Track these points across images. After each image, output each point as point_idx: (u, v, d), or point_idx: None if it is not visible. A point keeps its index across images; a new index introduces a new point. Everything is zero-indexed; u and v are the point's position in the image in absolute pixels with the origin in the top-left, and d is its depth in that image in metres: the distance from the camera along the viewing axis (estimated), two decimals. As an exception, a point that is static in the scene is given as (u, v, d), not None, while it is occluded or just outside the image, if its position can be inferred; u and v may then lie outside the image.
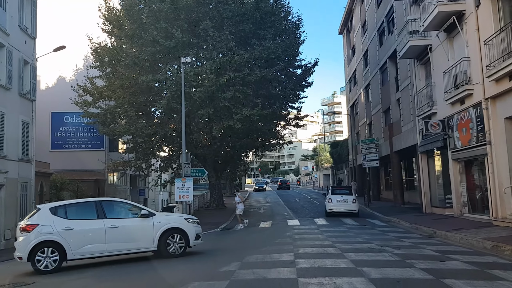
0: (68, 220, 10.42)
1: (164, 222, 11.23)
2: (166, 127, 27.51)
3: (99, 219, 10.64)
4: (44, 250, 9.98)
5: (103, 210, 10.82)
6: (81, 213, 10.88)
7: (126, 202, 12.18)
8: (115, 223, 10.67)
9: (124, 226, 10.79)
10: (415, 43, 20.52)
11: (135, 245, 10.89)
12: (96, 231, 10.48)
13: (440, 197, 21.49)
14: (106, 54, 26.95)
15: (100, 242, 10.42)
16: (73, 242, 10.18)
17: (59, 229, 10.16)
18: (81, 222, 10.61)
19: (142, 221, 11.00)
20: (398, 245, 11.35)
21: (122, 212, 11.25)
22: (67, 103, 28.90)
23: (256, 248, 11.81)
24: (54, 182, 27.65)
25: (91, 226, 10.58)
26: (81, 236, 10.35)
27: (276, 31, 28.63)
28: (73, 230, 10.27)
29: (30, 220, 10.32)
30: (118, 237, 10.59)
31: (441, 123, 18.92)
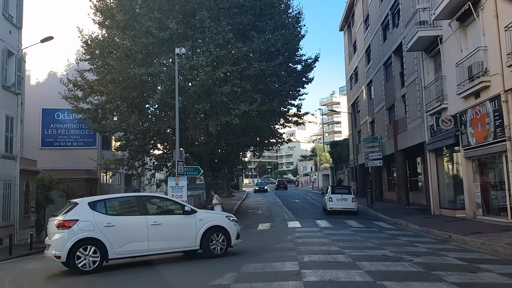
0: (109, 216, 9.59)
1: (206, 219, 10.53)
2: (160, 123, 26.16)
3: (141, 215, 9.83)
4: (84, 248, 9.04)
5: (144, 206, 10.10)
6: (121, 209, 10.26)
7: (167, 198, 11.55)
8: (157, 220, 9.92)
9: (167, 223, 10.04)
10: (424, 33, 19.26)
11: (178, 243, 10.15)
12: (138, 228, 9.63)
13: (450, 198, 20.25)
14: (97, 47, 25.59)
15: (142, 240, 9.59)
16: (115, 240, 9.27)
17: (100, 225, 9.26)
18: (122, 218, 9.84)
19: (185, 218, 10.28)
20: (415, 252, 10.08)
21: (163, 209, 10.67)
22: (59, 99, 27.51)
23: (255, 254, 10.51)
24: (42, 180, 26.24)
25: (133, 222, 9.73)
26: (123, 233, 9.45)
27: (276, 24, 27.28)
28: (114, 227, 9.37)
29: (68, 216, 9.25)
30: (160, 235, 9.81)
31: (453, 119, 17.66)
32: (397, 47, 26.38)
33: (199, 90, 24.26)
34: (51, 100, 31.98)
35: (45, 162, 33.48)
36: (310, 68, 30.34)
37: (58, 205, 31.05)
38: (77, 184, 31.16)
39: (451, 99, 18.28)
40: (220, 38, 24.21)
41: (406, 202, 26.63)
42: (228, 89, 24.36)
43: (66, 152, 35.58)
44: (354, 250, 10.24)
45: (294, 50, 29.27)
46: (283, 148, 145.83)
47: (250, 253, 10.76)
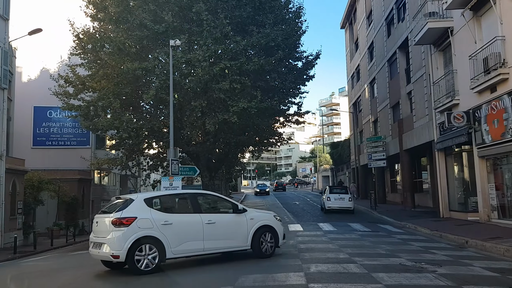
0: (166, 214, 9.13)
1: (257, 219, 10.12)
2: (154, 120, 24.98)
3: (195, 214, 9.40)
4: (142, 247, 8.45)
5: (198, 204, 9.72)
6: (176, 206, 9.93)
7: (218, 196, 11.04)
8: (211, 218, 9.46)
9: (221, 222, 9.62)
10: (434, 25, 18.13)
11: (231, 243, 9.68)
12: (194, 227, 9.17)
13: (460, 200, 19.13)
14: (89, 41, 24.43)
15: (198, 239, 9.14)
16: (172, 238, 8.77)
17: (158, 223, 8.72)
18: (179, 216, 9.37)
19: (237, 217, 9.86)
20: (435, 260, 8.95)
21: (215, 207, 10.30)
22: (51, 97, 26.27)
23: (254, 262, 9.36)
24: (31, 181, 25.04)
25: (189, 221, 9.25)
26: (180, 232, 8.96)
27: (276, 19, 26.13)
28: (171, 225, 8.87)
29: (126, 212, 8.61)
30: (215, 234, 9.37)
31: (466, 115, 16.52)
32: (403, 42, 25.29)
33: (196, 86, 23.10)
34: (44, 97, 30.76)
35: (37, 161, 32.35)
36: (311, 65, 29.20)
37: (49, 207, 29.94)
38: (68, 185, 30.05)
39: (463, 95, 17.17)
40: (218, 32, 23.06)
41: (412, 204, 25.50)
42: (227, 86, 23.24)
43: (58, 152, 34.43)
44: (366, 258, 9.09)
45: (294, 46, 28.14)
46: (282, 149, 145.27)
47: (249, 261, 9.60)
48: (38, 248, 21.37)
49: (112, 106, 23.62)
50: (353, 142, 41.85)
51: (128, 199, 9.20)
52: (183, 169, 20.87)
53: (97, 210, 37.38)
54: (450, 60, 18.72)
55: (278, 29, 25.25)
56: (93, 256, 9.10)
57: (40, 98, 32.78)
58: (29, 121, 34.43)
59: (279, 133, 33.32)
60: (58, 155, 33.99)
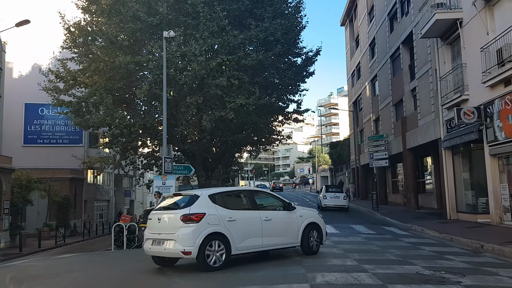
0: (229, 210, 9.02)
1: (305, 216, 10.25)
2: (148, 117, 23.96)
3: (254, 210, 9.46)
4: (212, 243, 8.37)
5: (254, 201, 9.74)
6: (236, 203, 9.72)
7: (270, 193, 11.23)
8: (268, 215, 9.50)
9: (276, 219, 9.64)
10: (442, 16, 17.19)
11: (284, 240, 9.72)
12: (254, 224, 9.19)
13: (468, 201, 18.19)
14: (80, 34, 23.42)
15: (257, 236, 9.14)
16: (236, 235, 8.73)
17: (223, 219, 8.70)
18: (240, 212, 9.26)
19: (288, 214, 9.94)
20: (454, 268, 8.00)
21: (269, 204, 10.25)
22: (43, 94, 25.22)
23: (252, 269, 8.40)
24: (19, 180, 24.01)
25: (249, 217, 9.25)
26: (243, 228, 8.94)
27: (276, 12, 25.14)
28: (235, 222, 8.84)
29: (194, 208, 8.55)
30: (271, 231, 9.40)
31: (476, 111, 15.59)
32: (406, 37, 24.36)
33: (191, 82, 22.11)
34: (35, 94, 29.67)
35: (28, 160, 31.32)
36: (311, 62, 28.24)
37: (39, 207, 28.87)
38: (60, 184, 29.02)
39: (473, 89, 16.24)
40: (215, 25, 22.08)
41: (415, 205, 24.56)
42: (224, 81, 22.28)
43: (50, 150, 33.44)
44: (377, 266, 8.13)
45: (294, 41, 27.17)
46: (279, 150, 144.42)
47: (246, 268, 8.63)
48: (25, 250, 20.41)
49: (104, 102, 22.61)
50: (353, 142, 40.93)
51: (193, 195, 9.17)
52: (177, 168, 19.96)
53: (90, 210, 36.45)
54: (459, 53, 17.79)
55: (277, 23, 24.30)
56: (151, 253, 8.90)
57: (31, 94, 31.77)
58: (20, 118, 33.43)
59: (277, 131, 32.38)
60: (50, 153, 33.00)
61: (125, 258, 12.54)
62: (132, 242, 18.33)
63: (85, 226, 30.91)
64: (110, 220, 37.24)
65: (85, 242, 26.37)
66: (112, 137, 24.33)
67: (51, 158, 32.39)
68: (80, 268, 10.47)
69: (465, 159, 18.43)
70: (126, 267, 10.29)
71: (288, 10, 27.04)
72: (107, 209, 40.55)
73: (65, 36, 24.30)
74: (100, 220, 37.86)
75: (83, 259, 13.18)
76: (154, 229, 8.88)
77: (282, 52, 25.17)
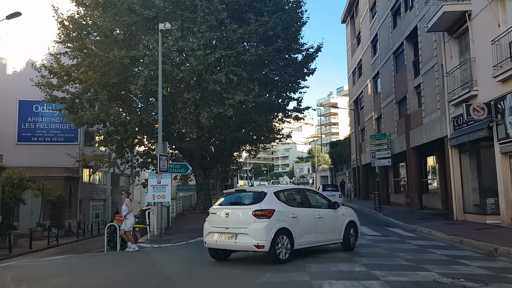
0: (291, 207, 9.54)
1: (346, 214, 10.88)
2: (144, 114, 23.23)
3: (309, 208, 10.02)
4: (280, 238, 8.81)
5: (308, 199, 10.32)
6: (295, 201, 10.18)
7: (318, 192, 11.76)
8: (319, 213, 10.07)
9: (326, 216, 10.19)
10: (450, 8, 16.46)
11: (331, 236, 10.27)
12: (310, 220, 9.72)
13: (476, 202, 17.46)
14: (74, 28, 22.69)
15: (312, 232, 9.69)
16: (297, 230, 9.21)
17: (288, 216, 9.17)
18: (299, 209, 9.72)
19: (334, 212, 10.52)
20: (473, 275, 7.29)
21: (318, 202, 10.69)
22: (38, 91, 24.46)
23: (251, 276, 7.67)
24: (10, 178, 23.24)
25: (307, 214, 9.75)
26: (302, 224, 9.43)
27: (276, 7, 24.43)
28: (296, 218, 9.33)
29: (264, 205, 8.95)
30: (322, 228, 9.97)
31: (486, 107, 14.88)
32: (411, 32, 23.64)
33: (189, 77, 21.42)
34: (30, 91, 28.77)
35: (22, 158, 30.56)
36: (311, 58, 27.54)
37: (33, 206, 28.08)
38: (54, 183, 28.19)
39: (482, 84, 15.53)
40: (213, 19, 21.39)
41: (419, 205, 23.86)
42: (222, 77, 21.57)
43: (45, 148, 32.63)
44: (389, 272, 7.40)
45: (294, 37, 26.47)
46: (279, 149, 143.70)
47: (245, 273, 7.91)
48: (15, 251, 19.66)
49: (99, 98, 21.92)
50: (354, 141, 40.22)
51: (260, 191, 9.48)
52: (174, 166, 19.18)
53: (85, 209, 35.67)
54: (467, 47, 17.08)
55: (277, 18, 23.62)
56: (217, 245, 9.23)
57: (26, 91, 30.90)
58: (13, 115, 32.61)
59: (277, 129, 31.69)
60: (45, 152, 32.20)
61: (116, 261, 11.83)
62: (126, 243, 17.62)
63: (80, 226, 30.14)
64: (106, 220, 36.46)
65: (79, 242, 25.62)
66: (107, 135, 23.61)
67: (46, 156, 31.59)
68: (67, 272, 9.75)
69: (473, 157, 17.70)
70: (116, 271, 9.57)
71: (289, 5, 26.34)
72: (103, 208, 39.78)
73: (58, 30, 23.57)
74: (96, 220, 37.11)
75: (72, 262, 12.44)
76: (220, 223, 9.15)
77: (282, 48, 24.49)
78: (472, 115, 15.01)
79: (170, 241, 15.45)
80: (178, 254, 12.45)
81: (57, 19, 23.15)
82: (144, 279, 8.14)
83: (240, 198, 9.84)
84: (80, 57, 23.52)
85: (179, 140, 25.77)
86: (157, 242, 15.38)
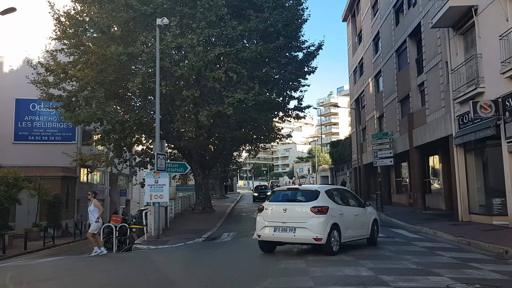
0: (338, 205, 10.51)
1: (371, 213, 11.96)
2: (142, 112, 22.78)
3: (349, 206, 11.12)
4: (333, 232, 9.79)
5: (347, 198, 11.41)
6: (339, 199, 11.02)
7: (350, 192, 12.60)
8: (355, 211, 11.15)
9: (360, 214, 11.27)
10: (456, 3, 16.00)
11: (362, 232, 11.30)
12: (350, 217, 10.75)
13: (482, 202, 17.01)
14: (71, 24, 22.24)
15: (352, 228, 10.68)
16: (343, 226, 10.19)
17: (337, 212, 10.16)
18: (343, 207, 10.75)
19: (364, 210, 11.63)
20: (488, 280, 6.86)
21: (352, 201, 11.59)
22: (35, 89, 24.00)
23: (251, 281, 7.20)
24: (5, 177, 22.78)
25: (348, 212, 10.81)
26: (346, 221, 10.44)
27: (276, 3, 23.97)
28: (342, 215, 10.34)
29: (321, 202, 9.96)
30: (357, 224, 11.03)
31: (494, 104, 14.43)
32: (414, 29, 23.18)
33: (188, 74, 20.97)
34: (27, 89, 28.36)
35: (19, 157, 30.14)
36: (312, 56, 27.10)
37: (30, 206, 27.61)
38: (50, 183, 27.72)
39: (489, 81, 15.08)
40: (213, 15, 20.97)
41: (422, 206, 23.39)
42: (222, 74, 21.14)
43: (42, 147, 32.15)
44: (398, 277, 6.95)
45: (295, 34, 26.04)
46: (278, 150, 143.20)
47: (246, 278, 7.44)
48: (10, 251, 19.21)
49: (95, 95, 21.45)
50: (355, 140, 39.76)
51: (314, 190, 10.55)
52: (172, 165, 18.80)
53: (83, 210, 35.14)
54: (472, 44, 16.63)
55: (278, 14, 23.19)
56: (273, 238, 10.01)
57: (23, 90, 30.43)
58: (10, 114, 32.13)
59: (277, 128, 31.27)
60: (42, 151, 31.73)
61: (111, 263, 11.37)
62: (123, 244, 17.17)
63: (77, 227, 29.67)
64: (104, 220, 35.86)
65: (76, 243, 25.16)
66: (104, 133, 23.18)
67: (43, 155, 31.13)
68: (58, 275, 9.28)
69: (479, 156, 17.25)
70: (108, 274, 9.12)
71: (289, 2, 25.88)
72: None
73: (54, 27, 23.13)
74: (94, 220, 36.58)
75: (65, 264, 11.97)
76: (277, 218, 9.96)
77: (282, 46, 24.08)
78: (479, 112, 14.55)
79: (168, 242, 15.02)
80: (175, 256, 12.01)
81: (53, 15, 22.73)
82: (138, 282, 7.68)
83: (294, 195, 10.82)
84: (77, 54, 23.09)
85: (178, 139, 25.34)
86: (154, 243, 14.94)
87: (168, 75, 21.16)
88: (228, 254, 11.38)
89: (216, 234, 17.66)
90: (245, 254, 11.04)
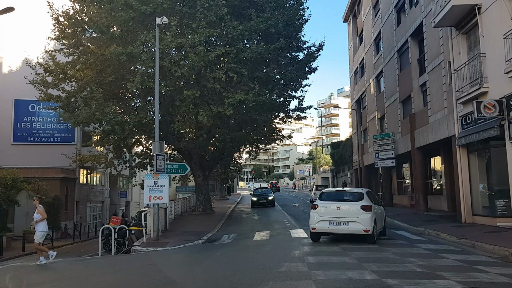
0: (374, 204, 12.79)
1: (382, 211, 14.39)
2: (142, 113, 22.58)
3: (376, 205, 13.16)
4: (374, 225, 12.06)
5: (374, 198, 13.79)
6: (373, 199, 13.23)
7: (372, 193, 14.57)
8: (379, 209, 13.78)
9: (379, 211, 13.50)
10: (459, 1, 15.81)
11: (381, 225, 13.53)
12: (379, 214, 13.26)
13: (485, 203, 16.79)
14: (70, 24, 22.06)
15: (379, 222, 12.95)
16: (377, 221, 12.43)
17: (375, 210, 12.49)
18: (375, 206, 13.01)
19: (380, 208, 13.96)
20: (496, 284, 6.68)
21: (374, 201, 13.42)
22: (34, 90, 23.81)
23: (252, 284, 6.98)
24: (4, 179, 22.58)
25: (378, 209, 13.19)
26: (378, 216, 12.73)
27: (277, 3, 23.80)
28: (376, 212, 12.60)
29: (366, 201, 12.35)
30: (381, 219, 13.56)
31: (498, 104, 14.22)
32: (416, 29, 22.99)
33: (188, 74, 20.79)
34: (26, 90, 28.22)
35: (18, 158, 30.00)
36: (313, 57, 26.94)
37: (28, 208, 27.39)
38: (49, 184, 27.51)
39: (493, 81, 14.88)
40: (213, 15, 20.80)
41: (424, 207, 23.17)
42: (222, 74, 20.96)
43: (41, 148, 32.02)
44: (403, 281, 6.73)
45: (296, 35, 25.88)
46: (279, 151, 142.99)
47: (247, 281, 7.22)
48: (8, 253, 19.04)
49: (94, 96, 21.26)
50: (356, 141, 39.52)
51: (359, 192, 13.04)
52: (172, 166, 18.58)
53: (82, 211, 34.97)
54: (476, 43, 16.42)
55: (279, 14, 23.01)
56: (328, 230, 12.27)
57: (22, 90, 30.29)
58: (9, 115, 31.99)
59: (278, 129, 31.08)
60: (41, 152, 31.60)
61: (108, 266, 11.17)
62: (122, 246, 16.98)
63: (77, 228, 29.46)
64: (104, 221, 35.78)
65: (75, 245, 24.97)
66: (103, 134, 22.99)
67: (42, 156, 30.99)
68: (52, 279, 9.09)
69: (482, 157, 17.03)
70: (104, 278, 8.91)
71: (290, 3, 25.70)
72: (101, 210, 39.10)
73: (53, 27, 22.95)
74: (94, 222, 36.43)
75: (61, 267, 11.77)
76: (332, 214, 12.20)
77: (283, 46, 23.87)
78: (483, 112, 14.34)
79: (167, 244, 14.81)
80: (174, 258, 11.81)
81: (52, 15, 22.55)
82: (136, 285, 7.47)
83: (343, 196, 12.98)
84: (76, 54, 22.93)
85: (177, 140, 25.16)
86: (153, 245, 14.72)
87: (168, 75, 20.99)
88: (228, 257, 11.17)
89: (216, 236, 17.46)
90: (245, 256, 10.82)
